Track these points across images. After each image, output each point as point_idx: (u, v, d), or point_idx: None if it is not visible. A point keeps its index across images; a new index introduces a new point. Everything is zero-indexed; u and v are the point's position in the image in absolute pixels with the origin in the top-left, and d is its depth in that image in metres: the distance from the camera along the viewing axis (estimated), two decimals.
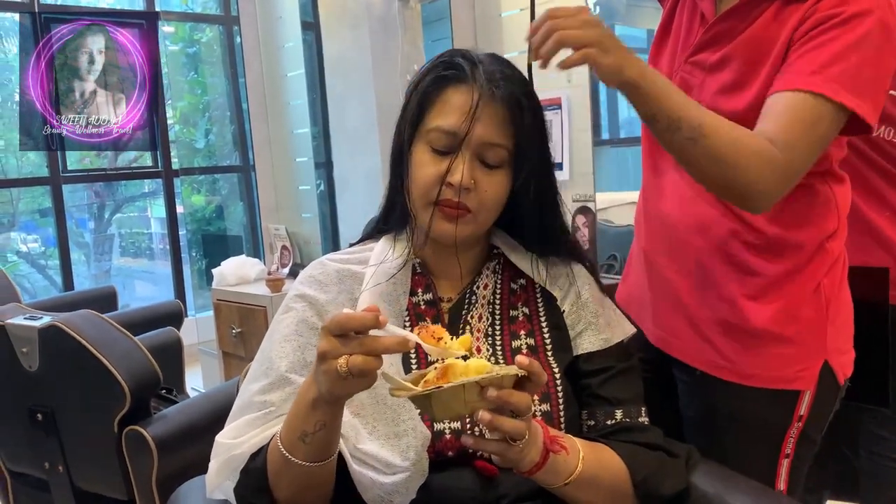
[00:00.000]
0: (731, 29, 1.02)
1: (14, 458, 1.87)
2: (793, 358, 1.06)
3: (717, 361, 1.09)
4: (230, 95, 4.44)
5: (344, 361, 0.71)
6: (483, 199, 0.92)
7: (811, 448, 1.11)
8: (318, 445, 0.81)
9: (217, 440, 0.92)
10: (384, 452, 0.86)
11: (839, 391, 1.10)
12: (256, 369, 0.96)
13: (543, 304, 1.00)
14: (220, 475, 0.90)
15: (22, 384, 1.69)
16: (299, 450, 0.81)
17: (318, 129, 3.99)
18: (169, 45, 4.47)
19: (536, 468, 0.81)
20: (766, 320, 1.05)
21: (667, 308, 1.15)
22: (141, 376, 1.60)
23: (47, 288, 4.75)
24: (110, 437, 1.60)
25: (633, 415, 0.96)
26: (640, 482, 0.90)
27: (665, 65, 1.11)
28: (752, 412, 1.08)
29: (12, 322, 1.67)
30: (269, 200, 3.89)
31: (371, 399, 0.89)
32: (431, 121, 0.92)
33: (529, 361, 0.74)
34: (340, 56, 3.29)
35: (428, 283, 0.99)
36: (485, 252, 1.02)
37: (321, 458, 0.82)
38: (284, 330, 0.95)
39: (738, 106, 1.00)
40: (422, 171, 0.92)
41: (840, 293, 1.09)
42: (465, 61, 0.92)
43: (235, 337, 3.17)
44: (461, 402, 0.71)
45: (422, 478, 0.86)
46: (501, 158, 0.92)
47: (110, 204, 5.37)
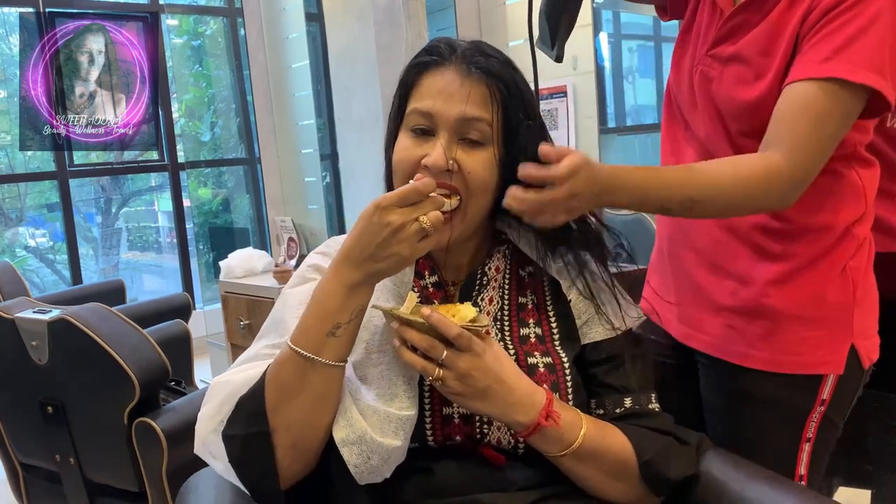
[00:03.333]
0: (746, 21, 1.02)
1: (25, 451, 1.88)
2: (820, 342, 1.05)
3: (744, 350, 1.08)
4: (235, 88, 4.44)
5: (426, 219, 0.79)
6: (469, 181, 0.89)
7: (833, 432, 1.10)
8: (348, 338, 0.83)
9: (214, 381, 0.89)
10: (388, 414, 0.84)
11: (863, 376, 1.09)
12: (266, 328, 0.95)
13: (551, 292, 1.00)
14: (220, 412, 0.85)
15: (32, 377, 1.70)
16: (328, 347, 0.82)
17: (323, 120, 3.98)
18: (173, 39, 4.47)
19: (527, 432, 0.84)
20: (793, 305, 1.05)
21: (691, 303, 1.14)
22: (150, 369, 1.61)
23: (56, 282, 4.77)
24: (120, 429, 1.61)
25: (642, 402, 0.96)
26: (645, 463, 0.89)
27: (687, 62, 1.12)
28: (775, 396, 1.07)
29: (22, 316, 1.68)
30: (276, 192, 3.89)
31: (378, 374, 0.87)
32: (410, 105, 0.92)
33: (429, 313, 0.80)
34: (345, 47, 3.28)
35: (432, 266, 0.99)
36: (489, 239, 1.01)
37: (344, 357, 0.84)
38: (301, 296, 0.93)
39: (750, 96, 1.00)
40: (401, 156, 0.91)
41: (866, 277, 1.08)
42: (445, 47, 0.92)
43: (243, 329, 3.18)
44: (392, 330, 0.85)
45: (400, 459, 0.84)
46: (484, 133, 0.89)
47: (117, 198, 5.38)
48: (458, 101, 0.88)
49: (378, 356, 0.88)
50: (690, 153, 1.12)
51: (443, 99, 0.89)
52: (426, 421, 0.89)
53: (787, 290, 1.05)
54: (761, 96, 0.98)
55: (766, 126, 0.97)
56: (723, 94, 1.03)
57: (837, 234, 1.04)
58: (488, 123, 0.89)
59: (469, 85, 0.89)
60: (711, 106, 1.06)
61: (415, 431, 0.87)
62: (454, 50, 0.91)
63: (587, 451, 0.86)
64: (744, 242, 1.08)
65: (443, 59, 0.91)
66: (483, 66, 0.89)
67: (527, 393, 0.84)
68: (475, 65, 0.89)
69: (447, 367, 0.81)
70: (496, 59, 0.92)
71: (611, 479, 0.89)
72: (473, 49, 0.92)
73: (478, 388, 0.82)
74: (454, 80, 0.89)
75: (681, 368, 1.20)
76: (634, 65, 5.35)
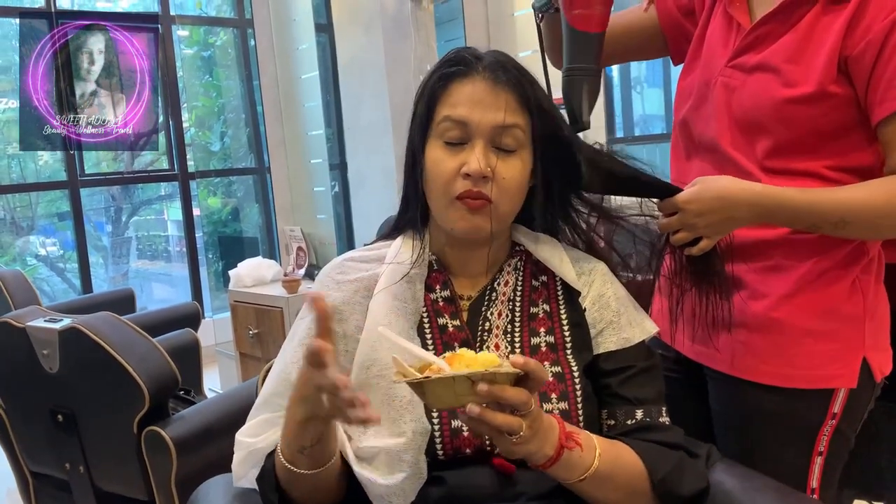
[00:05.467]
0: (772, 32, 1.03)
1: (35, 459, 1.89)
2: (832, 356, 1.04)
3: (755, 365, 1.07)
4: (245, 98, 4.47)
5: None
6: (503, 187, 0.92)
7: (846, 446, 1.09)
8: (319, 454, 0.83)
9: (237, 438, 0.94)
10: (386, 449, 0.87)
11: (875, 389, 1.09)
12: (275, 367, 0.98)
13: (565, 301, 1.00)
14: (243, 466, 0.93)
15: (43, 386, 1.71)
16: (300, 461, 0.83)
17: (333, 130, 4.00)
18: (184, 49, 4.51)
19: (550, 462, 0.80)
20: (804, 319, 1.04)
21: (700, 318, 1.14)
22: (159, 377, 1.62)
23: (66, 291, 4.80)
24: (130, 438, 1.62)
25: (653, 414, 0.95)
26: (658, 482, 0.89)
27: (698, 75, 1.12)
28: (786, 409, 1.06)
29: (33, 325, 1.69)
30: (285, 202, 3.91)
31: (378, 399, 0.89)
32: (441, 114, 0.93)
33: (525, 361, 0.73)
34: (354, 57, 3.30)
35: (445, 280, 0.99)
36: (506, 249, 1.02)
37: (324, 464, 0.84)
38: (301, 333, 0.97)
39: (778, 98, 1.00)
40: (438, 168, 0.92)
41: (877, 290, 1.08)
42: (468, 55, 0.94)
43: (252, 338, 3.19)
44: (452, 394, 0.72)
45: (420, 480, 0.86)
46: (518, 140, 0.92)
47: (127, 207, 5.42)
48: (492, 108, 0.91)
49: (376, 378, 0.90)
50: (698, 162, 1.12)
51: (474, 106, 0.91)
52: (436, 435, 0.89)
53: (798, 305, 1.04)
54: (793, 101, 0.99)
55: (787, 133, 0.99)
56: (746, 102, 1.03)
57: (848, 247, 1.04)
58: (522, 129, 0.92)
59: (501, 93, 0.91)
60: (729, 117, 1.06)
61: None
62: (479, 59, 0.93)
63: (604, 473, 0.85)
64: (754, 257, 1.07)
65: (469, 68, 0.93)
66: (511, 74, 0.92)
67: (548, 420, 0.81)
68: (503, 72, 0.92)
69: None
70: (518, 66, 0.94)
71: (626, 498, 0.89)
72: (497, 57, 0.94)
73: (534, 429, 0.78)
74: (484, 89, 0.91)
75: (688, 382, 1.19)
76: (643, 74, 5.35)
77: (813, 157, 1.01)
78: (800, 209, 0.97)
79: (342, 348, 0.94)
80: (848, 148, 1.01)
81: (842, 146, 1.01)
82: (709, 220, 0.99)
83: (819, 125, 0.99)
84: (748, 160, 1.05)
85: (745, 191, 0.99)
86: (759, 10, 1.05)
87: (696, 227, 1.00)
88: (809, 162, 1.01)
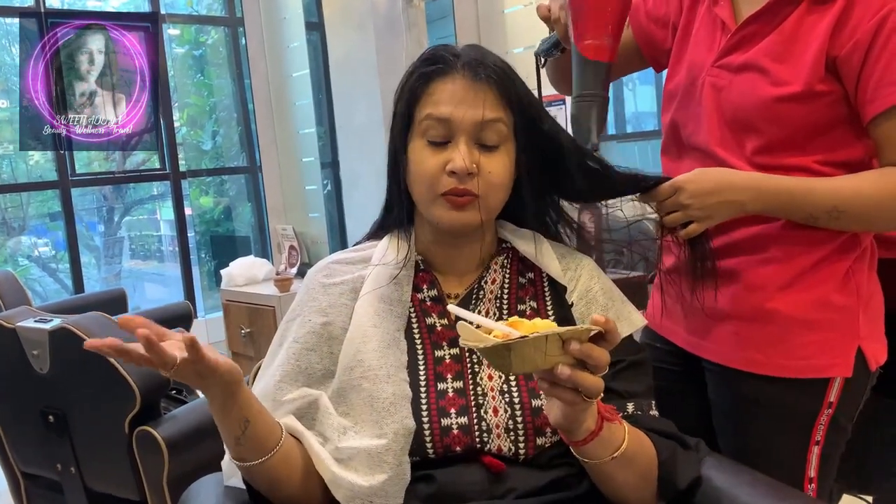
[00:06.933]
0: (757, 32, 1.04)
1: (27, 460, 1.88)
2: (827, 345, 1.06)
3: (751, 356, 1.09)
4: (236, 97, 4.45)
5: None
6: (489, 181, 0.92)
7: (842, 435, 1.11)
8: (257, 439, 0.84)
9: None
10: (366, 450, 0.87)
11: (870, 379, 1.10)
12: (264, 372, 0.99)
13: (552, 297, 1.00)
14: (232, 464, 0.92)
15: (33, 386, 1.70)
16: (244, 452, 0.84)
17: (324, 128, 4.00)
18: (174, 48, 4.49)
19: (592, 436, 0.80)
20: (799, 309, 1.05)
21: (697, 311, 1.15)
22: (150, 377, 1.61)
23: (58, 291, 4.77)
24: (121, 438, 1.61)
25: (644, 408, 0.96)
26: (662, 463, 0.89)
27: (684, 75, 1.13)
28: (782, 399, 1.08)
29: (23, 325, 1.68)
30: (277, 201, 3.91)
31: (361, 401, 0.90)
32: (422, 112, 0.93)
33: (605, 318, 0.73)
34: (345, 55, 3.30)
35: (432, 280, 1.00)
36: (493, 246, 1.02)
37: (268, 450, 0.85)
38: (288, 335, 0.98)
39: (764, 97, 1.01)
40: (422, 166, 0.93)
41: (870, 280, 1.09)
42: (446, 53, 0.94)
43: (245, 337, 3.18)
44: (542, 354, 0.71)
45: (403, 483, 0.86)
46: (500, 134, 0.93)
47: (119, 207, 5.39)
48: (473, 105, 0.91)
49: (360, 379, 0.90)
50: (688, 162, 1.13)
51: (456, 104, 0.91)
52: (425, 434, 0.89)
53: (792, 295, 1.06)
54: (781, 99, 1.00)
55: (777, 131, 1.01)
56: (733, 101, 1.04)
57: (841, 238, 1.05)
58: (505, 123, 0.93)
59: (481, 89, 0.91)
60: (718, 116, 1.07)
61: (415, 445, 0.87)
62: (457, 56, 0.93)
63: (630, 454, 0.84)
64: (749, 250, 1.08)
65: (448, 66, 0.93)
66: (490, 69, 0.92)
67: None
68: (482, 69, 0.92)
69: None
70: (496, 61, 0.94)
71: (641, 482, 0.88)
72: (475, 53, 0.94)
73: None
74: (464, 86, 0.91)
75: (685, 374, 1.20)
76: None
77: (802, 152, 1.03)
78: (796, 194, 1.00)
79: (327, 350, 0.95)
80: (837, 143, 1.02)
81: (831, 141, 1.02)
82: (704, 202, 1.01)
83: (808, 122, 1.00)
84: (738, 158, 1.06)
85: (744, 176, 1.02)
86: (744, 9, 1.06)
87: (689, 208, 1.01)
88: (799, 157, 1.02)
